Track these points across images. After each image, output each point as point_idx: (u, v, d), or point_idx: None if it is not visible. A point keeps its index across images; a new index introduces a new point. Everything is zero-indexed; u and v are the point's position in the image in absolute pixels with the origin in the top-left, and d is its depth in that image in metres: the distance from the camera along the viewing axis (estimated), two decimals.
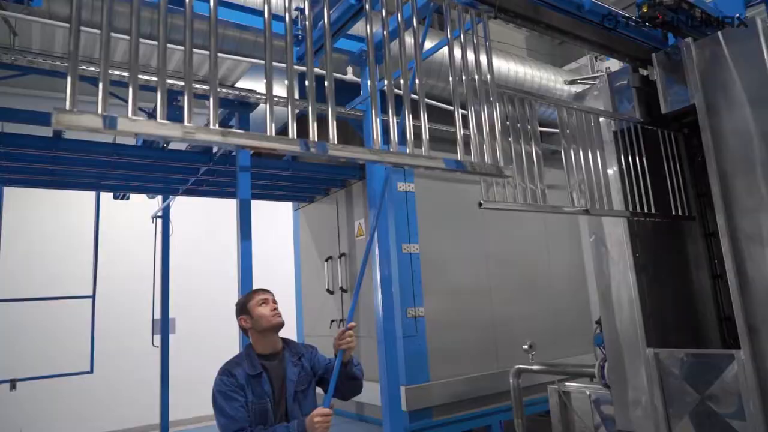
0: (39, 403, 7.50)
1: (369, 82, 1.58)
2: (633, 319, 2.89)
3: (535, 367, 3.97)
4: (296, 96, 1.57)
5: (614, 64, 4.53)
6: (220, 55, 3.79)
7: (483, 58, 2.04)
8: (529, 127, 2.27)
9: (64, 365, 6.31)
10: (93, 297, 6.19)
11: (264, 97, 4.61)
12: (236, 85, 4.63)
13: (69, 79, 1.09)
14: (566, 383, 3.82)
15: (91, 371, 6.11)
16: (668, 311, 3.00)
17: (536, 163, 2.30)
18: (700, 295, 3.13)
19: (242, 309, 2.63)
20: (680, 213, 2.89)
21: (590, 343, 3.76)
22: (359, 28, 3.81)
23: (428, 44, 4.29)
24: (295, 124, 1.39)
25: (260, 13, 3.74)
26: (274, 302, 2.64)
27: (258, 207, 5.82)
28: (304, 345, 2.83)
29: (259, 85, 4.72)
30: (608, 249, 3.09)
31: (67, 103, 1.08)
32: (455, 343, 4.85)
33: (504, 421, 4.69)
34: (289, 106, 1.36)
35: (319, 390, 2.73)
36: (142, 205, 7.20)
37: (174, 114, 1.39)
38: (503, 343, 5.15)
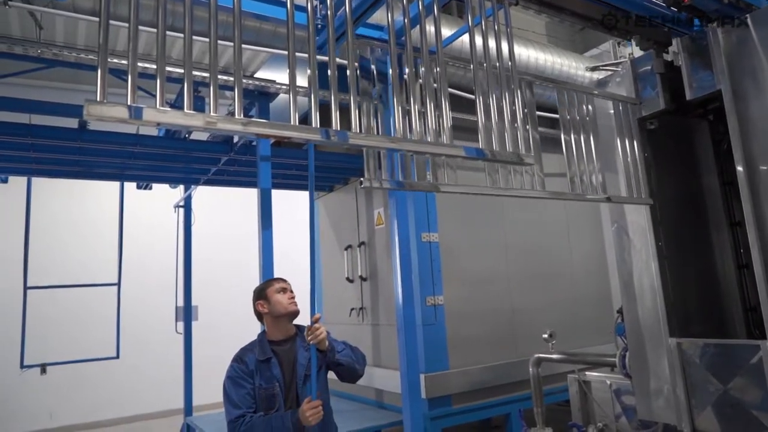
0: (68, 387, 7.73)
1: (390, 71, 1.59)
2: (655, 308, 2.86)
3: (555, 356, 3.95)
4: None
5: (637, 50, 4.44)
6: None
7: (504, 45, 2.03)
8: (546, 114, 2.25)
9: (92, 351, 6.49)
10: (118, 284, 6.33)
11: (283, 87, 4.67)
12: (255, 76, 4.66)
13: (99, 71, 1.12)
14: (586, 373, 3.80)
15: (118, 357, 6.27)
16: (692, 301, 2.97)
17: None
18: (725, 284, 3.08)
19: (260, 294, 2.71)
20: (704, 201, 2.85)
21: (611, 333, 3.73)
22: (378, 16, 3.79)
23: (448, 32, 4.26)
24: (317, 113, 1.40)
25: (277, 2, 3.76)
26: (292, 292, 2.73)
27: (278, 196, 5.87)
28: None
29: (277, 75, 4.74)
30: (630, 237, 3.06)
31: (98, 95, 1.11)
32: (474, 331, 4.86)
33: (523, 409, 4.69)
34: (312, 95, 1.37)
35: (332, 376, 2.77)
36: (165, 195, 7.32)
37: (194, 104, 1.42)
38: (522, 332, 5.14)
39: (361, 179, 1.85)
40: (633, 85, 3.18)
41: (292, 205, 8.36)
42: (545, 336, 3.97)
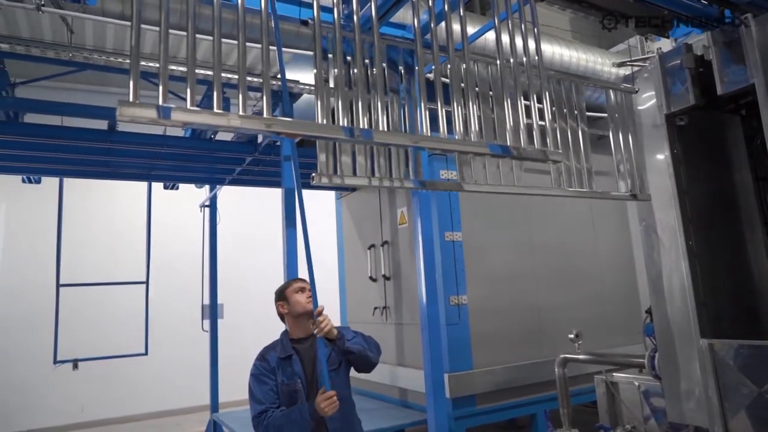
0: (98, 383, 7.92)
1: (417, 68, 1.58)
2: (686, 308, 2.80)
3: (581, 357, 3.89)
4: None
5: (666, 44, 4.35)
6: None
7: (528, 42, 2.01)
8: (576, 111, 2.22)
9: (121, 347, 6.63)
10: (146, 283, 6.46)
11: (306, 87, 4.69)
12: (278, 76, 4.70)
13: (131, 74, 1.14)
14: (614, 374, 3.75)
15: (146, 353, 6.40)
16: (724, 301, 2.89)
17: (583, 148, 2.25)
18: (758, 284, 3.00)
19: (280, 295, 2.79)
20: (737, 199, 2.77)
21: (638, 333, 3.66)
22: (400, 15, 3.79)
23: (471, 29, 4.23)
24: (343, 112, 1.41)
25: (299, 3, 3.78)
26: (311, 291, 2.77)
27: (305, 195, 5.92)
28: (338, 327, 2.90)
29: (299, 75, 4.77)
30: (659, 236, 3.00)
31: (131, 96, 1.13)
32: (499, 331, 4.83)
33: (549, 410, 4.64)
34: (339, 94, 1.38)
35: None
36: (191, 195, 7.43)
37: (210, 105, 1.44)
38: (547, 332, 5.09)
39: (313, 174, 1.85)
40: (661, 81, 3.11)
41: (317, 204, 8.41)
42: (571, 336, 3.92)
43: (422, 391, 4.25)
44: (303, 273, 4.60)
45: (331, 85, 1.55)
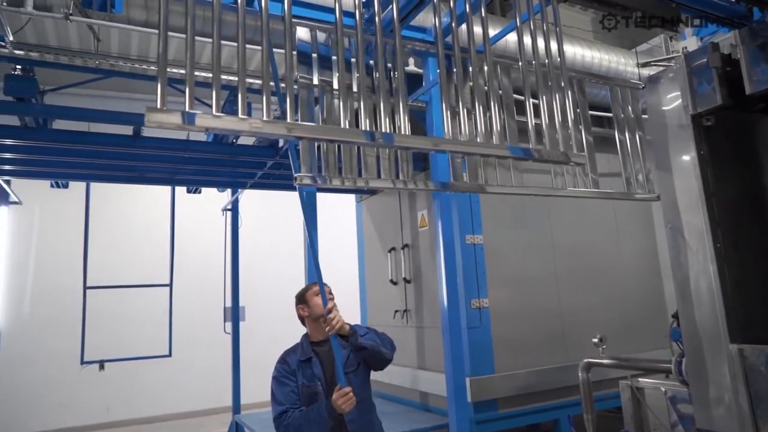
0: (124, 383, 8.06)
1: (438, 71, 1.58)
2: (714, 313, 2.73)
3: (606, 361, 3.83)
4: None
5: (691, 43, 4.27)
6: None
7: (548, 43, 1.99)
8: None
9: (146, 349, 6.74)
10: (170, 285, 6.56)
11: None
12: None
13: (159, 81, 1.17)
14: (639, 379, 3.68)
15: (170, 355, 6.49)
16: (754, 305, 2.82)
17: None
18: None
19: (300, 299, 2.83)
20: (766, 200, 2.70)
21: (664, 338, 3.60)
22: (420, 18, 3.79)
23: (492, 31, 4.21)
24: (366, 116, 1.41)
25: (316, 7, 3.81)
26: (330, 294, 2.80)
27: (322, 199, 5.96)
28: (351, 325, 2.91)
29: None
30: (686, 239, 2.94)
31: (158, 103, 1.16)
32: (520, 334, 4.78)
33: (573, 415, 4.58)
34: (361, 98, 1.38)
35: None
36: (213, 199, 7.53)
37: (233, 110, 1.46)
38: (570, 336, 5.02)
39: (296, 175, 1.85)
40: (687, 81, 3.06)
41: (335, 208, 8.46)
42: (595, 341, 3.86)
43: (443, 394, 4.23)
44: (324, 276, 4.62)
45: (354, 89, 1.56)
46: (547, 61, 1.90)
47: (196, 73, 3.89)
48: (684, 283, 2.91)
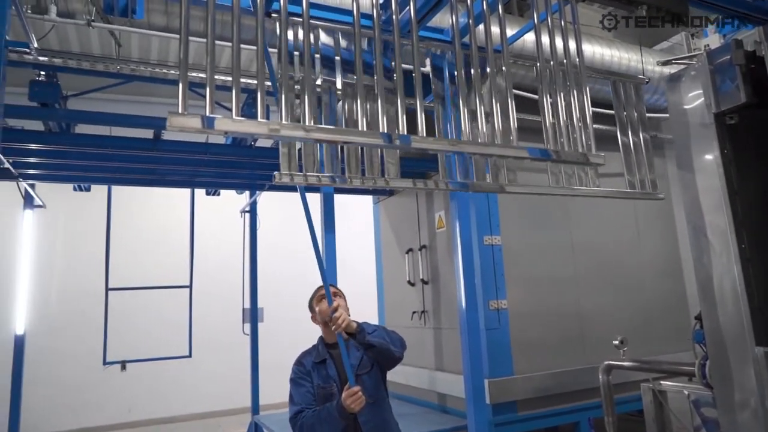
0: (145, 384, 8.17)
1: (456, 72, 1.58)
2: (739, 315, 2.68)
3: (627, 364, 3.77)
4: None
5: (714, 41, 4.20)
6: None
7: (566, 42, 1.97)
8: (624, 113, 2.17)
9: (167, 349, 6.83)
10: (190, 287, 6.63)
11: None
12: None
13: (180, 86, 1.18)
14: (661, 382, 3.62)
15: (190, 356, 6.56)
16: None
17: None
18: None
19: (309, 305, 2.90)
20: None
21: (687, 340, 3.53)
22: (436, 19, 3.79)
23: (509, 31, 4.18)
24: (385, 118, 1.41)
25: (337, 10, 3.82)
26: (337, 294, 2.84)
27: (340, 201, 5.98)
28: (359, 323, 2.92)
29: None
30: (709, 239, 2.88)
31: (179, 107, 1.17)
32: (540, 336, 4.74)
33: (593, 418, 4.52)
34: (380, 101, 1.39)
35: None
36: (232, 201, 7.60)
37: (251, 113, 1.47)
38: (590, 338, 4.97)
39: (275, 173, 1.85)
40: (710, 79, 3.00)
41: (350, 210, 8.48)
42: (616, 343, 3.81)
43: (461, 396, 4.21)
44: (341, 277, 4.65)
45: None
46: (565, 60, 1.89)
47: (216, 77, 3.96)
48: (707, 284, 2.86)
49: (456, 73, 1.59)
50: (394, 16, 1.49)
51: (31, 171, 4.83)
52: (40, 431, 7.67)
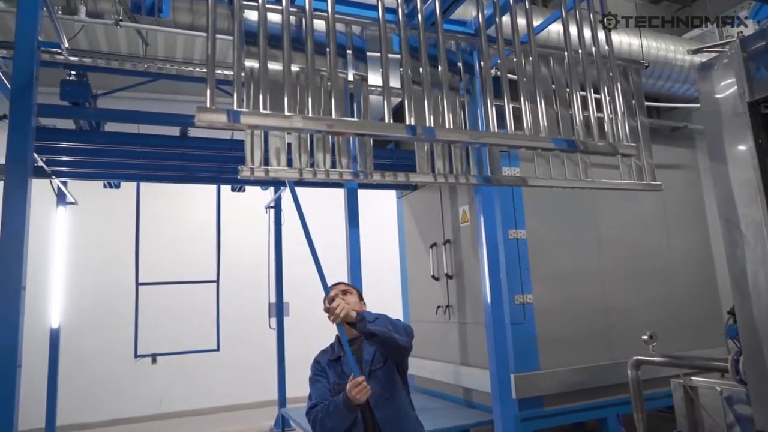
0: (175, 377, 8.34)
1: (482, 63, 1.56)
2: None
3: (656, 359, 3.70)
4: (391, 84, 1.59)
5: (747, 28, 4.07)
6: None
7: (595, 32, 1.93)
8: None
9: (195, 343, 6.95)
10: (217, 282, 6.73)
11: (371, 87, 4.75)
12: None
13: (208, 83, 1.20)
14: (692, 378, 3.55)
15: (218, 349, 6.67)
16: None
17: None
18: None
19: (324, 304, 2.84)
20: None
21: (719, 335, 3.45)
22: (459, 11, 3.76)
23: (535, 22, 4.13)
24: (411, 111, 1.41)
25: (359, 5, 3.83)
26: (344, 294, 2.85)
27: (364, 196, 5.99)
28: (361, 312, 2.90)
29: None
30: (743, 232, 2.81)
31: (207, 103, 1.19)
32: (566, 331, 4.69)
33: (621, 414, 4.46)
34: (405, 93, 1.38)
35: None
36: (257, 197, 7.68)
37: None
38: (618, 332, 4.89)
39: (241, 167, 1.83)
40: (743, 67, 2.91)
41: (374, 204, 8.48)
42: (645, 338, 3.74)
43: (487, 390, 4.20)
44: (364, 272, 4.65)
45: (396, 84, 1.56)
46: (593, 50, 1.85)
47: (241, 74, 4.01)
48: (741, 278, 2.79)
49: (482, 64, 1.58)
50: (419, 9, 1.49)
51: (64, 169, 4.95)
52: (75, 422, 7.90)
